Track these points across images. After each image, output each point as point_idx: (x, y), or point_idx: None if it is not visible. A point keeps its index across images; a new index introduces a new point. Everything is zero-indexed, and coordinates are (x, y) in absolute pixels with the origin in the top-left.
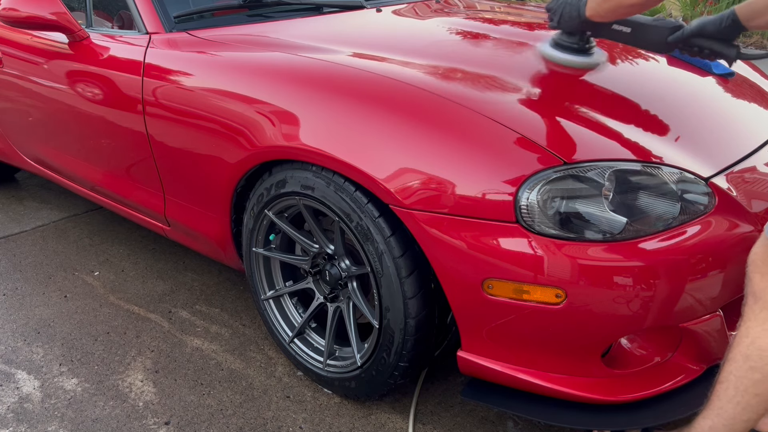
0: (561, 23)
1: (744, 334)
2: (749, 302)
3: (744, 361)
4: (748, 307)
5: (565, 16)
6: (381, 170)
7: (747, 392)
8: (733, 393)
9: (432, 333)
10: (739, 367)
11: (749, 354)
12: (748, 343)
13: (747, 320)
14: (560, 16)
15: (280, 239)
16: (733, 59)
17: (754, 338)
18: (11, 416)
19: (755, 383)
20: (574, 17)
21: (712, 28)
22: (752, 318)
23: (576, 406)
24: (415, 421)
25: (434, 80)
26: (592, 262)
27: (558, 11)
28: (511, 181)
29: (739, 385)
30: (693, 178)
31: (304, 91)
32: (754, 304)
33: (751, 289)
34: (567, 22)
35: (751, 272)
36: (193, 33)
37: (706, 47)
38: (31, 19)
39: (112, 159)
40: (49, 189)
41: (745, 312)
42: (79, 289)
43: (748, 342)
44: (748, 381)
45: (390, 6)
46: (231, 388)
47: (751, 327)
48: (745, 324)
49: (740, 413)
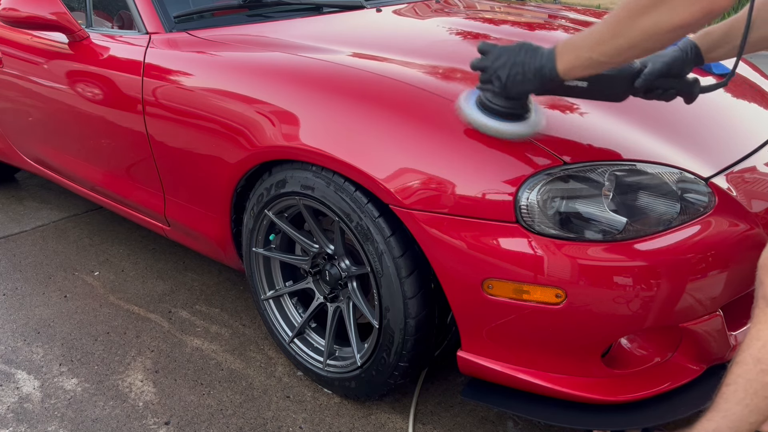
0: (508, 88)
1: (755, 337)
2: (760, 305)
3: (755, 364)
4: (759, 309)
5: (517, 80)
6: (381, 170)
7: (756, 395)
8: (742, 395)
9: (432, 333)
10: (749, 369)
11: (761, 357)
12: (760, 346)
13: (758, 323)
14: (507, 79)
15: (280, 239)
16: (695, 97)
17: (766, 341)
18: (11, 416)
19: (765, 386)
20: (531, 80)
21: (679, 65)
22: (764, 321)
23: (576, 406)
24: (415, 421)
25: (434, 80)
26: (592, 262)
27: (502, 72)
28: (511, 181)
29: (749, 388)
30: (693, 178)
31: (304, 91)
32: (765, 307)
33: (763, 292)
34: (519, 86)
35: (762, 276)
36: (193, 33)
37: (672, 87)
38: (31, 19)
39: (112, 159)
40: (49, 189)
41: (756, 315)
42: (79, 289)
43: (759, 345)
44: (758, 384)
45: (390, 6)
46: (231, 388)
47: (762, 330)
48: (756, 327)
49: (747, 416)
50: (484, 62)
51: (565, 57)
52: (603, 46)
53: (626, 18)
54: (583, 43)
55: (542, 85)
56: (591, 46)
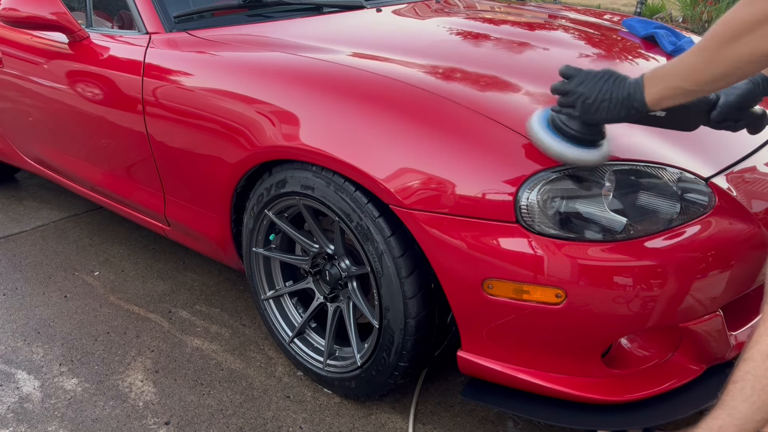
0: (591, 114)
1: (764, 333)
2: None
3: (763, 361)
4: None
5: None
6: (381, 170)
7: (764, 392)
8: (749, 392)
9: (432, 333)
10: (757, 366)
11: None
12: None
13: (766, 319)
14: (591, 106)
15: (280, 239)
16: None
17: None
18: (11, 416)
19: None
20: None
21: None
22: None
23: (576, 406)
24: (415, 421)
25: (434, 80)
26: (592, 262)
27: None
28: (511, 181)
29: (756, 385)
30: (693, 178)
31: (304, 91)
32: None
33: None
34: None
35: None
36: (193, 33)
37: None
38: (31, 19)
39: (112, 159)
40: (49, 189)
41: (765, 311)
42: (79, 289)
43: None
44: (766, 380)
45: (390, 6)
46: (231, 388)
47: None
48: (765, 323)
49: (754, 413)
50: (566, 86)
51: (654, 88)
52: (697, 74)
53: (722, 45)
54: (674, 73)
55: (627, 115)
56: (683, 76)
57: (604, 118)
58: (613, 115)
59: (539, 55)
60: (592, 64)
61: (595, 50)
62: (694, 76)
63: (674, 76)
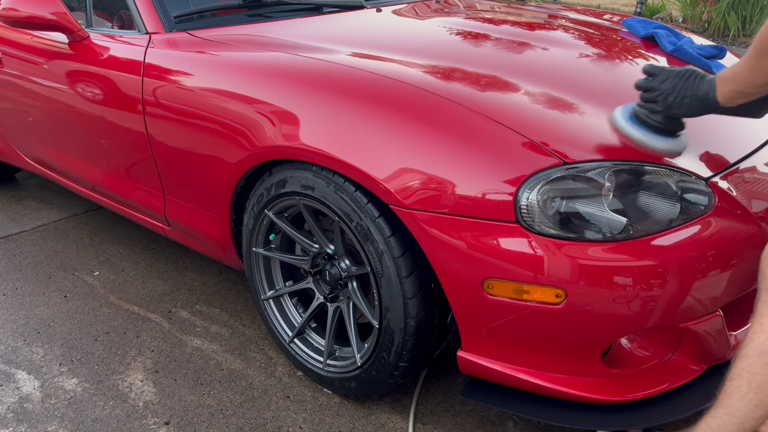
0: (673, 109)
1: (758, 330)
2: (763, 297)
3: (758, 357)
4: (762, 302)
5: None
6: (381, 170)
7: (760, 389)
8: (746, 390)
9: (432, 333)
10: (753, 363)
11: (764, 350)
12: (764, 338)
13: (761, 316)
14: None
15: (280, 239)
16: None
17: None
18: (11, 416)
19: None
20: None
21: None
22: (767, 314)
23: (576, 406)
24: (415, 421)
25: (434, 80)
26: (592, 262)
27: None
28: (511, 181)
29: (753, 382)
30: (693, 178)
31: (304, 91)
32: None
33: (765, 284)
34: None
35: (764, 268)
36: (193, 33)
37: None
38: (31, 19)
39: (112, 159)
40: (49, 189)
41: (759, 308)
42: (79, 289)
43: (763, 338)
44: (762, 377)
45: (390, 6)
46: (231, 388)
47: (765, 323)
48: (759, 320)
49: (752, 411)
50: (650, 83)
51: (724, 89)
52: (748, 80)
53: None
54: (734, 78)
55: (704, 111)
56: (740, 81)
57: (683, 112)
58: (692, 111)
59: (539, 55)
60: (592, 63)
61: (595, 50)
62: (747, 81)
63: (734, 81)
